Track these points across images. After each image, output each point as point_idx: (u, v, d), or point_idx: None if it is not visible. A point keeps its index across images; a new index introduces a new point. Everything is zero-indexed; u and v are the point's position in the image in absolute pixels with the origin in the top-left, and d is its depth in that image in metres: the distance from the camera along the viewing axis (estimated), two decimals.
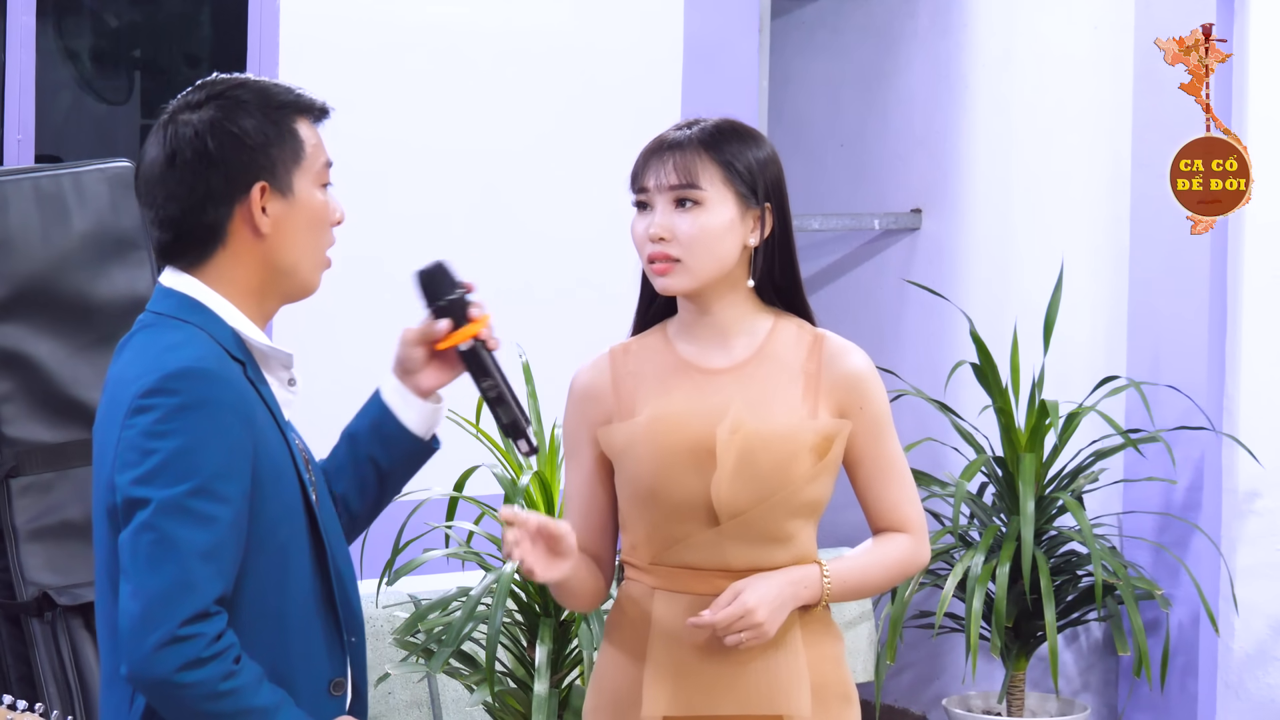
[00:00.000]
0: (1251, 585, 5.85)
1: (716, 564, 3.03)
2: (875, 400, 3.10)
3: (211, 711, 2.61)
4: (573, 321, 5.96)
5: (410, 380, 2.98)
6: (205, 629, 2.60)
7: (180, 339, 2.71)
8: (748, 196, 3.07)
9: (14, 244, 4.08)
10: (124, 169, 4.26)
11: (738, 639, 2.98)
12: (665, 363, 3.12)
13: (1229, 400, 5.88)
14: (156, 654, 2.58)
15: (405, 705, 5.21)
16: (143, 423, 2.64)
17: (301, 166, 2.78)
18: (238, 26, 5.51)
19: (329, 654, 2.80)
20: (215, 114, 2.75)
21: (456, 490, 4.82)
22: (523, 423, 2.97)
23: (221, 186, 2.74)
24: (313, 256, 2.81)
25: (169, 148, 2.74)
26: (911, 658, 6.60)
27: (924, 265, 6.70)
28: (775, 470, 3.01)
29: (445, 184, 5.79)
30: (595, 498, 3.15)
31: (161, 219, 2.77)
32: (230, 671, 2.61)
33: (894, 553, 3.13)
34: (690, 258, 3.05)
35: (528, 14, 5.92)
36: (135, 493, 2.62)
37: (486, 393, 2.96)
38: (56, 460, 4.10)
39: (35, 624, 4.04)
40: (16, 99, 5.19)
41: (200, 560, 2.61)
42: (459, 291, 2.93)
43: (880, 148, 6.85)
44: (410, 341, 2.96)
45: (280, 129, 2.77)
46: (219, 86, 2.79)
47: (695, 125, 3.12)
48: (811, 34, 7.13)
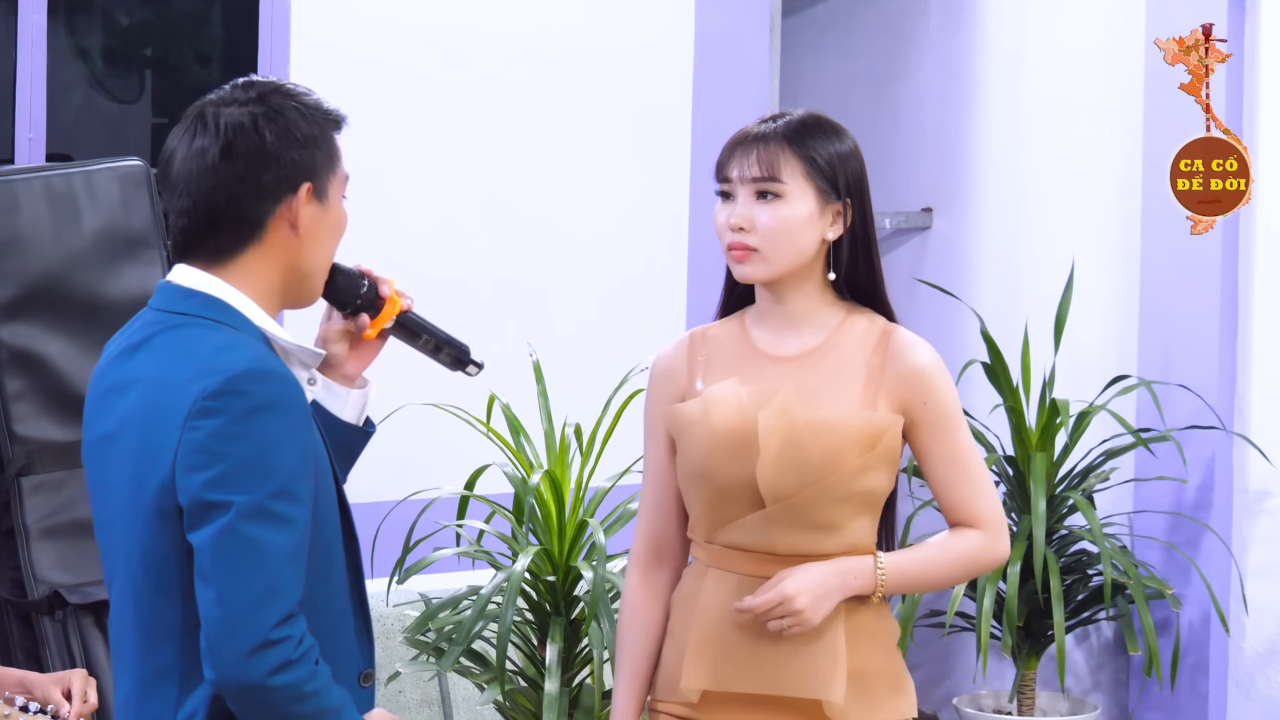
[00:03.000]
0: (1262, 585, 5.85)
1: (763, 547, 3.09)
2: (941, 395, 3.13)
3: (296, 713, 2.62)
4: (582, 320, 5.97)
5: (335, 372, 2.98)
6: (293, 631, 2.61)
7: (227, 340, 2.70)
8: (828, 191, 3.12)
9: (25, 243, 4.09)
10: (135, 168, 4.27)
11: (779, 625, 3.03)
12: (737, 348, 3.19)
13: (1240, 399, 5.87)
14: (250, 659, 2.58)
15: (416, 704, 5.22)
16: (211, 425, 2.62)
17: (335, 174, 2.81)
18: (249, 26, 5.51)
19: (359, 646, 2.82)
20: (268, 109, 2.75)
21: (467, 489, 4.82)
22: (466, 351, 3.02)
23: (272, 181, 2.73)
24: (325, 266, 2.83)
25: (222, 138, 2.72)
26: (922, 657, 6.60)
27: (935, 264, 6.69)
28: (822, 458, 3.05)
29: (455, 183, 5.79)
30: (672, 477, 3.22)
31: (198, 208, 2.74)
32: (313, 673, 2.63)
33: (962, 547, 3.16)
34: (768, 248, 3.10)
35: (539, 15, 5.92)
36: (211, 496, 2.60)
37: (424, 347, 3.01)
38: (68, 458, 4.10)
39: (46, 622, 4.05)
40: (28, 97, 5.20)
41: (285, 563, 2.61)
42: (364, 283, 2.94)
43: (891, 147, 6.84)
44: (333, 339, 2.97)
45: (324, 133, 2.79)
46: (262, 87, 2.79)
47: (781, 119, 3.16)
48: (823, 33, 7.13)
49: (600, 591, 4.43)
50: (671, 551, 3.25)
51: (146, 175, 4.26)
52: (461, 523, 4.84)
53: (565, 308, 5.93)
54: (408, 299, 2.99)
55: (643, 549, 3.25)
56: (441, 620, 4.66)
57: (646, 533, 3.25)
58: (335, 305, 2.95)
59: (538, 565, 4.68)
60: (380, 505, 4.91)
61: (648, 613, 3.22)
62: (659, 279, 6.10)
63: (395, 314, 2.96)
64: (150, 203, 4.25)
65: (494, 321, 5.74)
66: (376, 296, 2.95)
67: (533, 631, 4.76)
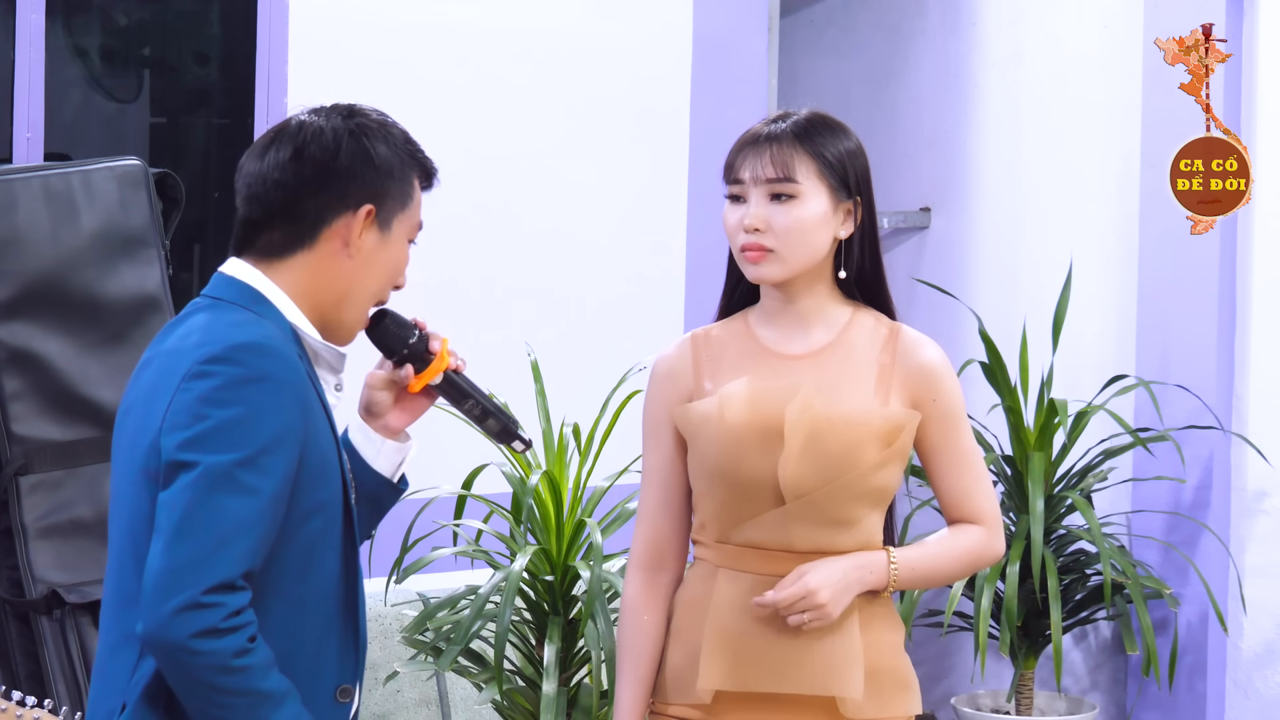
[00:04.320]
0: (1260, 584, 5.85)
1: (781, 544, 3.09)
2: (948, 393, 3.16)
3: (218, 685, 2.60)
4: (581, 320, 5.96)
5: (378, 423, 2.98)
6: (227, 600, 2.59)
7: (244, 319, 2.73)
8: (839, 189, 3.13)
9: (23, 242, 4.09)
10: (133, 167, 4.27)
11: (800, 619, 3.04)
12: (744, 347, 3.18)
13: (1238, 399, 5.87)
14: (175, 617, 2.57)
15: (414, 703, 5.22)
16: (201, 388, 2.64)
17: (406, 213, 2.83)
18: (247, 25, 5.51)
19: (341, 659, 2.80)
20: (354, 127, 2.80)
21: (465, 488, 4.82)
22: (512, 426, 3.02)
23: (334, 192, 2.77)
24: (368, 298, 2.84)
25: (297, 141, 2.77)
26: (920, 656, 6.60)
27: (933, 264, 6.70)
28: (842, 453, 3.06)
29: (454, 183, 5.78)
30: (675, 479, 3.21)
31: (257, 200, 2.78)
32: (244, 649, 2.61)
33: (965, 543, 3.19)
34: (784, 249, 3.10)
35: (538, 15, 5.92)
36: (182, 455, 2.62)
37: (470, 412, 3.00)
38: (66, 458, 4.10)
39: (44, 621, 4.05)
40: (26, 97, 5.19)
41: (236, 531, 2.60)
42: (415, 333, 2.93)
43: (889, 146, 6.84)
44: (378, 386, 2.96)
45: (405, 169, 2.82)
46: (361, 114, 2.84)
47: (788, 118, 3.16)
48: (821, 32, 7.13)
49: (598, 591, 4.43)
50: (673, 554, 3.24)
51: (145, 175, 4.26)
52: (459, 522, 4.84)
53: (564, 307, 5.93)
54: (459, 359, 2.97)
55: (644, 552, 3.24)
56: (439, 620, 4.66)
57: (648, 535, 3.24)
58: (382, 350, 2.93)
59: (536, 565, 4.68)
60: None
61: (650, 615, 3.22)
62: (657, 279, 6.10)
63: (442, 370, 2.94)
64: (148, 202, 4.25)
65: (492, 321, 5.74)
66: (426, 350, 2.93)
67: (531, 631, 4.76)
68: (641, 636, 3.21)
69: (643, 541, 3.24)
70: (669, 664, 3.18)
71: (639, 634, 3.21)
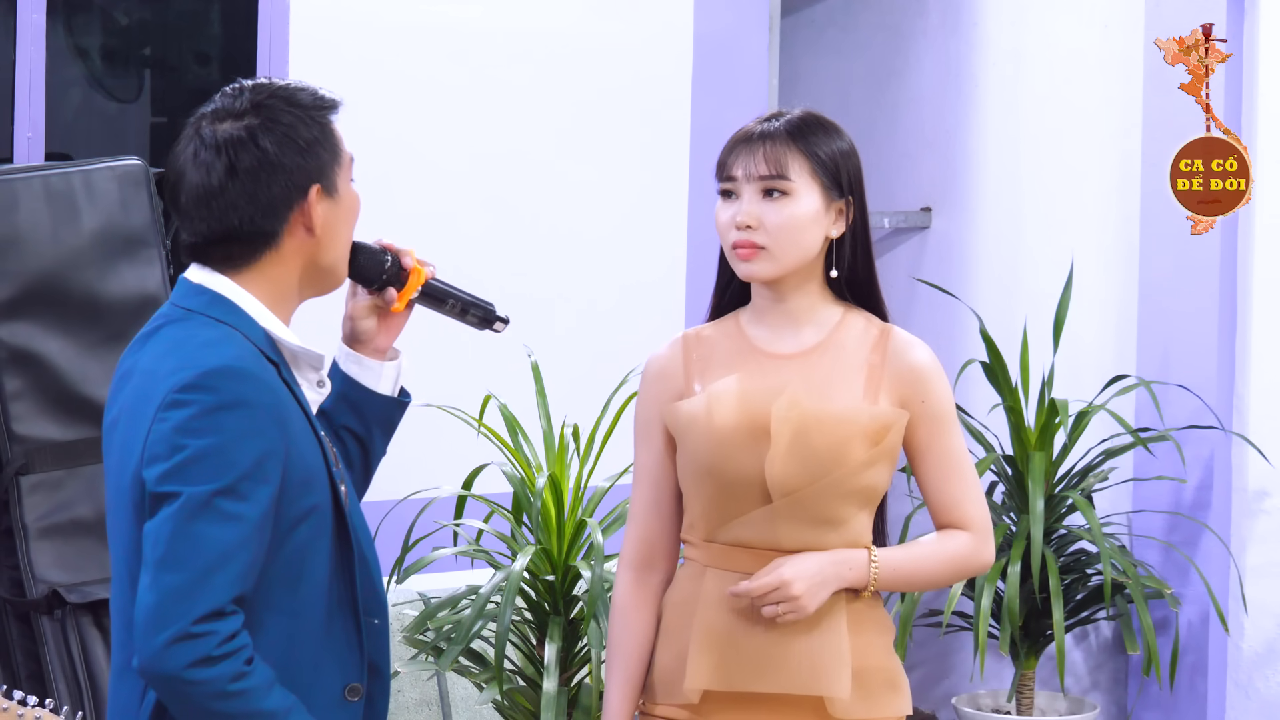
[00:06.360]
0: (1261, 584, 5.85)
1: (768, 542, 3.09)
2: (937, 395, 3.15)
3: (219, 711, 2.60)
4: (581, 321, 5.96)
5: (368, 348, 3.00)
6: (219, 628, 2.60)
7: (216, 336, 2.71)
8: (831, 188, 3.13)
9: (24, 242, 4.09)
10: (134, 167, 4.27)
11: (774, 610, 3.03)
12: (734, 347, 3.18)
13: (1239, 399, 5.87)
14: (168, 649, 2.58)
15: (415, 703, 5.22)
16: (177, 418, 2.64)
17: (340, 165, 2.81)
18: (248, 25, 5.51)
19: (344, 659, 2.80)
20: (264, 119, 2.75)
21: (465, 488, 4.83)
22: (492, 310, 3.07)
23: (282, 192, 2.74)
24: (345, 254, 2.85)
25: (225, 157, 2.73)
26: (921, 656, 6.60)
27: (934, 264, 6.69)
28: (829, 452, 3.05)
29: (454, 183, 5.79)
30: (666, 479, 3.21)
31: (213, 230, 2.75)
32: (241, 672, 2.61)
33: (951, 549, 3.17)
34: (776, 246, 3.10)
35: (538, 15, 5.92)
36: (163, 487, 2.62)
37: (450, 311, 3.05)
38: (66, 458, 4.10)
39: (45, 621, 4.05)
40: (26, 96, 5.19)
41: (221, 559, 2.60)
42: (387, 258, 2.96)
43: (890, 146, 6.84)
44: (361, 315, 2.99)
45: (322, 128, 2.79)
46: (254, 94, 2.78)
47: (781, 117, 3.17)
48: (821, 32, 7.13)
49: (599, 591, 4.43)
50: (664, 554, 3.24)
51: (145, 174, 4.26)
52: (460, 522, 4.84)
53: (564, 308, 5.92)
54: (430, 267, 3.01)
55: (634, 552, 3.24)
56: (440, 620, 4.67)
57: (639, 535, 3.24)
58: (361, 283, 2.96)
59: (536, 565, 4.68)
60: (379, 505, 4.91)
61: (640, 615, 3.22)
62: (658, 279, 6.09)
63: (420, 284, 2.98)
64: (149, 202, 4.25)
65: None
66: (400, 269, 2.97)
67: (531, 631, 4.76)
68: (631, 636, 3.21)
69: (634, 542, 3.24)
70: (658, 664, 3.18)
71: (628, 634, 3.21)
